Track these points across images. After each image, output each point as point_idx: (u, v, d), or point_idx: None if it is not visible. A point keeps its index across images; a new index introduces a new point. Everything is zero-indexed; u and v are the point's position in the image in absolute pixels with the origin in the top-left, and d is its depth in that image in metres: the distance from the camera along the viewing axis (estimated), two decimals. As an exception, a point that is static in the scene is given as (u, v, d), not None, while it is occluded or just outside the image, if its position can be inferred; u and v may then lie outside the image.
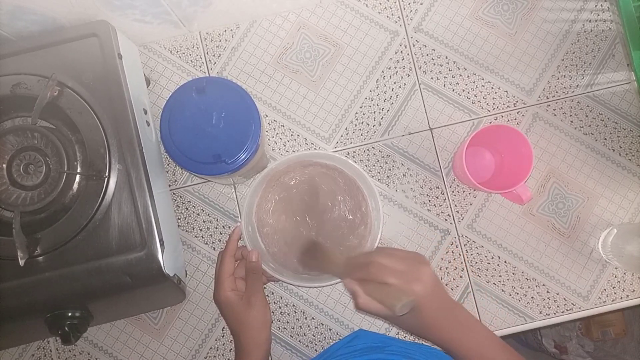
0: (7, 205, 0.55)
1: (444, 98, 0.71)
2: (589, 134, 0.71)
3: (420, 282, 0.49)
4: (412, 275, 0.49)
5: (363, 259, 0.52)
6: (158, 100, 0.72)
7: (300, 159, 0.66)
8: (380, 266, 0.49)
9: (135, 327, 0.69)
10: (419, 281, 0.49)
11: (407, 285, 0.48)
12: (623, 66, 0.71)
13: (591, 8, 0.72)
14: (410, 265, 0.50)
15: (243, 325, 0.60)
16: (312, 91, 0.72)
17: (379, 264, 0.50)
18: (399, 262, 0.50)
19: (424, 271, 0.50)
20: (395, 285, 0.48)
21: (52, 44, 0.60)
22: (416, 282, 0.48)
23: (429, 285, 0.49)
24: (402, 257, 0.51)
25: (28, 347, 0.69)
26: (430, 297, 0.49)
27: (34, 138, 0.56)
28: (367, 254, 0.52)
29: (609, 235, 0.67)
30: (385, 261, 0.50)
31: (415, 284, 0.48)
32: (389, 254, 0.51)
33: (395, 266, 0.49)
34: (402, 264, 0.50)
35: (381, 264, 0.49)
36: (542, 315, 0.68)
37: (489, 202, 0.70)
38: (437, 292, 0.51)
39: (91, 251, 0.57)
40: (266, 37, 0.73)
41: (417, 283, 0.48)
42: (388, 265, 0.49)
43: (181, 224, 0.71)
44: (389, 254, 0.51)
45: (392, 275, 0.48)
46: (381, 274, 0.49)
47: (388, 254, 0.51)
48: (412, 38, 0.72)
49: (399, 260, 0.50)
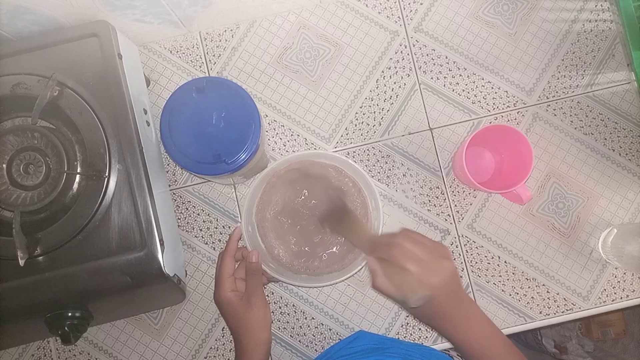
0: (7, 205, 0.55)
1: (444, 98, 0.71)
2: (589, 134, 0.71)
3: (438, 275, 0.49)
4: (433, 267, 0.49)
5: (388, 238, 0.52)
6: (158, 100, 0.72)
7: (300, 159, 0.66)
8: (404, 250, 0.49)
9: (135, 327, 0.69)
10: (438, 274, 0.49)
11: (426, 276, 0.48)
12: (623, 66, 0.71)
13: (591, 8, 0.72)
14: (432, 256, 0.50)
15: (243, 325, 0.60)
16: (312, 91, 0.72)
17: (402, 247, 0.50)
18: (423, 251, 0.50)
19: (444, 265, 0.50)
20: (414, 273, 0.48)
21: (52, 44, 0.60)
22: (435, 275, 0.49)
23: (447, 279, 0.49)
24: (427, 245, 0.51)
25: (28, 347, 0.69)
26: (445, 290, 0.50)
27: (34, 138, 0.56)
28: (394, 234, 0.53)
29: (609, 235, 0.67)
30: (409, 246, 0.50)
31: (434, 276, 0.49)
32: (415, 240, 0.51)
33: (418, 254, 0.49)
34: (425, 253, 0.50)
35: (405, 248, 0.50)
36: (542, 315, 0.68)
37: (489, 202, 0.70)
38: (452, 286, 0.51)
39: (91, 251, 0.57)
40: (266, 37, 0.73)
41: (436, 276, 0.49)
42: (411, 250, 0.49)
43: (181, 224, 0.71)
44: (415, 239, 0.51)
45: (413, 262, 0.49)
46: (403, 259, 0.49)
47: (414, 239, 0.51)
48: (412, 38, 0.72)
49: (423, 248, 0.50)
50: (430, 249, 0.50)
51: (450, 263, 0.51)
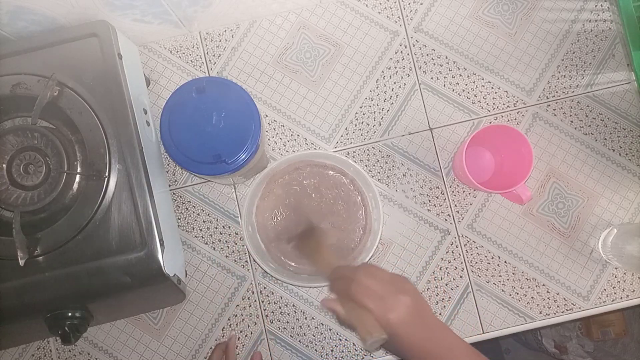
0: (7, 205, 0.55)
1: (444, 98, 0.71)
2: (589, 134, 0.71)
3: (395, 312, 0.47)
4: (390, 303, 0.48)
5: (348, 273, 0.52)
6: (158, 100, 0.72)
7: (300, 159, 0.66)
8: (361, 287, 0.49)
9: (135, 327, 0.69)
10: (395, 311, 0.47)
11: (383, 312, 0.47)
12: (623, 66, 0.71)
13: (591, 8, 0.72)
14: (390, 291, 0.49)
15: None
16: (312, 91, 0.72)
17: (360, 283, 0.49)
18: (380, 286, 0.49)
19: (401, 301, 0.48)
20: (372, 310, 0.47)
21: (52, 44, 0.60)
22: (392, 311, 0.47)
23: (406, 315, 0.48)
24: (385, 280, 0.50)
25: (28, 347, 0.69)
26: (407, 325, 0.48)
27: (34, 138, 0.56)
28: (353, 269, 0.52)
29: (609, 235, 0.67)
30: (367, 282, 0.49)
31: (392, 312, 0.47)
32: (373, 275, 0.50)
33: (376, 289, 0.48)
34: (382, 288, 0.49)
35: (362, 285, 0.49)
36: (542, 315, 0.68)
37: (489, 202, 0.70)
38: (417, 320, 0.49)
39: (91, 251, 0.57)
40: (266, 37, 0.73)
41: (393, 312, 0.47)
42: (369, 287, 0.49)
43: (181, 224, 0.71)
44: (373, 274, 0.50)
45: (369, 299, 0.48)
46: (360, 296, 0.48)
47: (372, 274, 0.50)
48: (412, 38, 0.72)
49: (380, 283, 0.49)
50: (387, 284, 0.49)
51: (407, 297, 0.49)
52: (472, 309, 0.68)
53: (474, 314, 0.68)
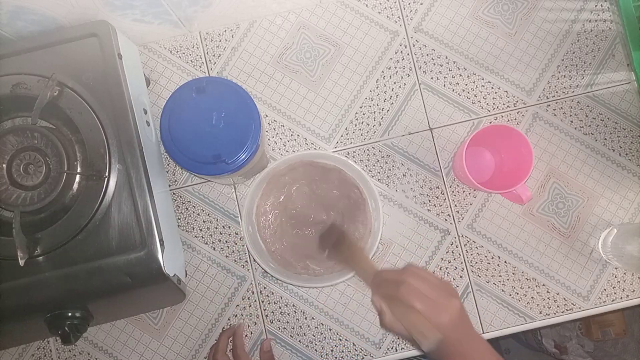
0: (7, 205, 0.55)
1: (444, 98, 0.71)
2: (589, 134, 0.71)
3: (447, 315, 0.48)
4: (441, 306, 0.48)
5: (395, 275, 0.51)
6: (158, 100, 0.72)
7: (300, 159, 0.66)
8: (411, 288, 0.49)
9: (135, 327, 0.69)
10: (447, 313, 0.48)
11: (435, 315, 0.48)
12: (623, 66, 0.71)
13: (591, 8, 0.72)
14: (440, 295, 0.49)
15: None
16: (312, 91, 0.72)
17: (410, 285, 0.49)
18: (430, 289, 0.49)
19: (453, 303, 0.49)
20: (422, 312, 0.47)
21: (52, 44, 0.60)
22: (444, 314, 0.48)
23: (456, 318, 0.49)
24: (434, 284, 0.50)
25: (28, 347, 0.69)
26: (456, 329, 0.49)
27: (34, 138, 0.56)
28: (400, 271, 0.52)
29: (609, 235, 0.67)
30: (417, 284, 0.49)
31: (443, 316, 0.48)
32: (422, 277, 0.50)
33: (426, 292, 0.48)
34: (433, 291, 0.49)
35: (412, 286, 0.49)
36: (542, 315, 0.68)
37: (489, 202, 0.70)
38: (463, 325, 0.50)
39: (91, 251, 0.57)
40: (266, 37, 0.73)
41: (445, 315, 0.48)
42: (419, 289, 0.49)
43: (181, 224, 0.71)
44: (422, 277, 0.50)
45: (421, 302, 0.48)
46: (410, 297, 0.48)
47: (421, 277, 0.50)
48: (412, 38, 0.72)
49: (430, 286, 0.49)
50: (437, 287, 0.50)
51: (457, 301, 0.50)
52: (472, 309, 0.68)
53: (474, 314, 0.68)
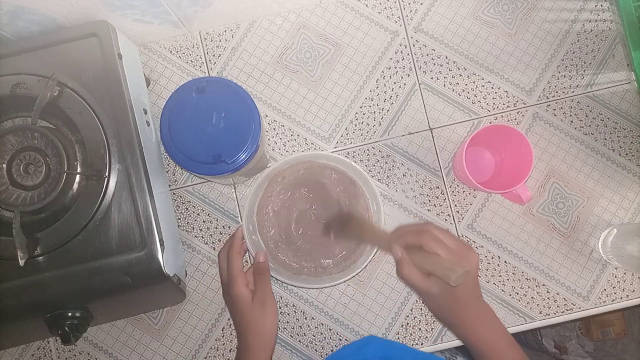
0: (7, 205, 0.55)
1: (444, 98, 0.71)
2: (589, 134, 0.71)
3: (468, 263, 0.51)
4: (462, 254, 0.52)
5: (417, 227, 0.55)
6: (158, 100, 0.72)
7: (301, 160, 0.66)
8: (434, 237, 0.52)
9: (135, 327, 0.69)
10: (468, 261, 0.51)
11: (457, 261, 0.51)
12: (623, 66, 0.71)
13: (591, 8, 0.72)
14: (460, 246, 0.53)
15: (254, 323, 0.60)
16: (312, 91, 0.72)
17: (433, 234, 0.52)
18: (451, 240, 0.52)
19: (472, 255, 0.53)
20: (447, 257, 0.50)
21: (52, 44, 0.60)
22: (465, 261, 0.51)
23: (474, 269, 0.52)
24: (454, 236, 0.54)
25: (28, 347, 0.69)
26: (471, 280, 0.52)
27: (34, 138, 0.56)
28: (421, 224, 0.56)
29: (609, 235, 0.67)
30: (439, 234, 0.52)
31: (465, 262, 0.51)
32: (443, 230, 0.54)
33: (448, 241, 0.52)
34: (454, 242, 0.52)
35: (435, 235, 0.52)
36: (542, 315, 0.68)
37: (489, 202, 0.70)
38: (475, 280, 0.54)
39: (91, 251, 0.57)
40: (266, 37, 0.73)
41: (466, 262, 0.51)
42: (442, 238, 0.52)
43: (181, 224, 0.71)
44: (441, 229, 0.54)
45: (444, 249, 0.51)
46: (434, 244, 0.51)
47: (442, 229, 0.54)
48: (412, 38, 0.72)
49: (451, 237, 0.53)
50: (458, 240, 0.53)
51: (476, 256, 0.53)
52: (472, 309, 0.68)
53: (474, 314, 0.68)
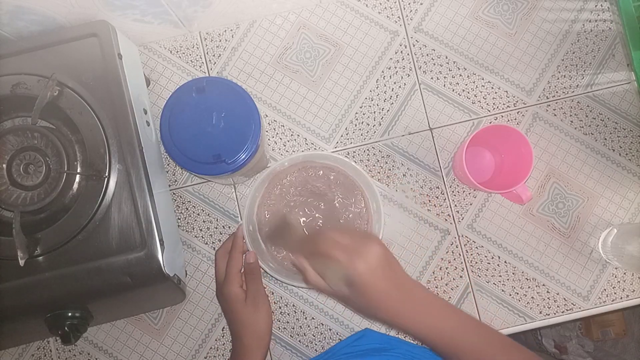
0: (7, 205, 0.55)
1: (444, 98, 0.71)
2: (589, 134, 0.71)
3: (362, 259, 0.48)
4: (357, 250, 0.48)
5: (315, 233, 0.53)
6: (158, 100, 0.72)
7: (301, 160, 0.66)
8: (327, 239, 0.50)
9: (135, 327, 0.69)
10: (362, 257, 0.48)
11: (352, 260, 0.47)
12: (623, 66, 0.71)
13: (591, 8, 0.72)
14: (357, 240, 0.49)
15: (248, 324, 0.60)
16: (312, 91, 0.72)
17: (326, 237, 0.50)
18: (347, 237, 0.49)
19: (369, 248, 0.48)
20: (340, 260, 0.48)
21: (52, 44, 0.60)
22: (359, 258, 0.47)
23: (373, 263, 0.48)
24: (352, 233, 0.51)
25: (28, 347, 0.69)
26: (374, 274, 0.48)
27: (34, 138, 0.56)
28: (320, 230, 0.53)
29: (609, 235, 0.67)
30: (334, 235, 0.50)
31: (358, 259, 0.47)
32: (341, 231, 0.51)
33: (342, 240, 0.49)
34: (349, 238, 0.49)
35: (328, 238, 0.50)
36: (542, 315, 0.68)
37: (489, 202, 0.70)
38: (384, 271, 0.48)
39: (91, 251, 0.57)
40: (266, 37, 0.73)
41: (360, 259, 0.48)
42: (335, 238, 0.49)
43: (181, 224, 0.71)
44: (341, 230, 0.51)
45: (336, 249, 0.48)
46: (326, 247, 0.49)
47: (340, 230, 0.51)
48: (412, 38, 0.72)
49: (347, 235, 0.50)
50: (358, 236, 0.50)
51: (378, 247, 0.49)
52: (472, 309, 0.68)
53: (474, 314, 0.68)
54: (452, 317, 0.51)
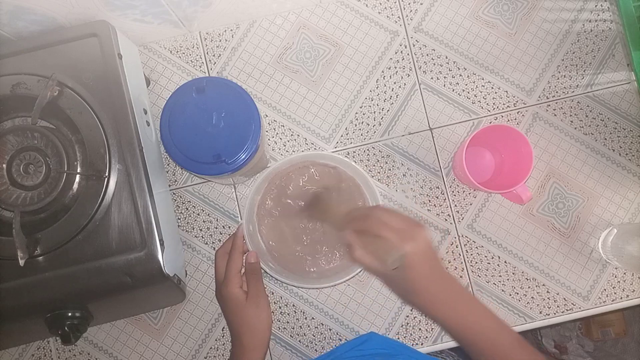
0: (7, 205, 0.55)
1: (444, 98, 0.71)
2: (589, 134, 0.71)
3: (413, 241, 0.49)
4: (407, 233, 0.50)
5: (363, 211, 0.54)
6: (158, 100, 0.72)
7: (301, 159, 0.66)
8: (378, 219, 0.51)
9: (135, 327, 0.69)
10: (413, 240, 0.49)
11: (401, 241, 0.49)
12: (623, 66, 0.71)
13: (591, 8, 0.72)
14: (407, 225, 0.51)
15: (247, 324, 0.60)
16: (312, 91, 0.72)
17: (377, 217, 0.51)
18: (397, 220, 0.51)
19: (419, 233, 0.50)
20: (389, 239, 0.49)
21: (52, 44, 0.60)
22: (409, 241, 0.49)
23: (422, 247, 0.50)
24: (402, 216, 0.52)
25: (28, 347, 0.69)
26: (421, 259, 0.50)
27: (34, 138, 0.56)
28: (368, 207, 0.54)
29: (609, 235, 0.67)
30: (384, 216, 0.51)
31: (408, 242, 0.49)
32: (389, 211, 0.52)
33: (393, 222, 0.50)
34: (399, 221, 0.51)
35: (379, 218, 0.51)
36: (542, 315, 0.68)
37: (489, 202, 0.70)
38: (429, 257, 0.51)
39: (91, 251, 0.57)
40: (266, 37, 0.73)
41: (410, 242, 0.49)
42: (386, 220, 0.51)
43: (181, 224, 0.71)
44: (389, 211, 0.53)
45: (387, 230, 0.50)
46: (377, 227, 0.50)
47: (388, 210, 0.53)
48: (412, 38, 0.72)
49: (397, 218, 0.51)
50: (404, 219, 0.51)
51: (424, 233, 0.51)
52: (472, 309, 0.68)
53: (474, 314, 0.68)
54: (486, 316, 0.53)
